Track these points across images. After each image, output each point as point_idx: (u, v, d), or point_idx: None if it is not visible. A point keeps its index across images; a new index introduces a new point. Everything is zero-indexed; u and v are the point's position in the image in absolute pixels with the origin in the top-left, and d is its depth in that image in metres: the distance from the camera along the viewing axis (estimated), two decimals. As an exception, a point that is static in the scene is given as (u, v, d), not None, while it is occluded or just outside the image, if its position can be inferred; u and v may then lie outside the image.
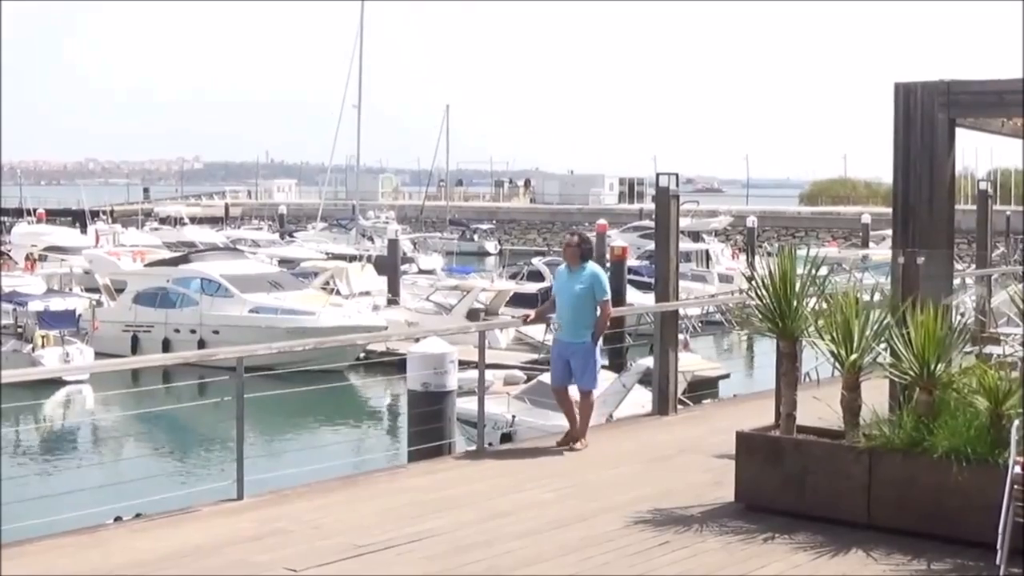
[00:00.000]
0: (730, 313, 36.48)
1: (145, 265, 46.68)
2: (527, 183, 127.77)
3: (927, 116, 10.92)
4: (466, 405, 17.67)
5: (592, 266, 13.60)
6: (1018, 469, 8.63)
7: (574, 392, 13.69)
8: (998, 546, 8.58)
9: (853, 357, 10.03)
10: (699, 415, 16.54)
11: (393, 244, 52.39)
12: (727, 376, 31.84)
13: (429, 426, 14.07)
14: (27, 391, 23.89)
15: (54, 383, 32.64)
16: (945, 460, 9.37)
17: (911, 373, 9.84)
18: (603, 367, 16.49)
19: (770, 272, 10.57)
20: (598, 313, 13.45)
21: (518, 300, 45.37)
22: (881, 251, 54.89)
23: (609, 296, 13.65)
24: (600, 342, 13.64)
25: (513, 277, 50.43)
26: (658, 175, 15.78)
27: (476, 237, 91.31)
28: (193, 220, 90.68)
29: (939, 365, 9.75)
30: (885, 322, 10.16)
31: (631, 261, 47.82)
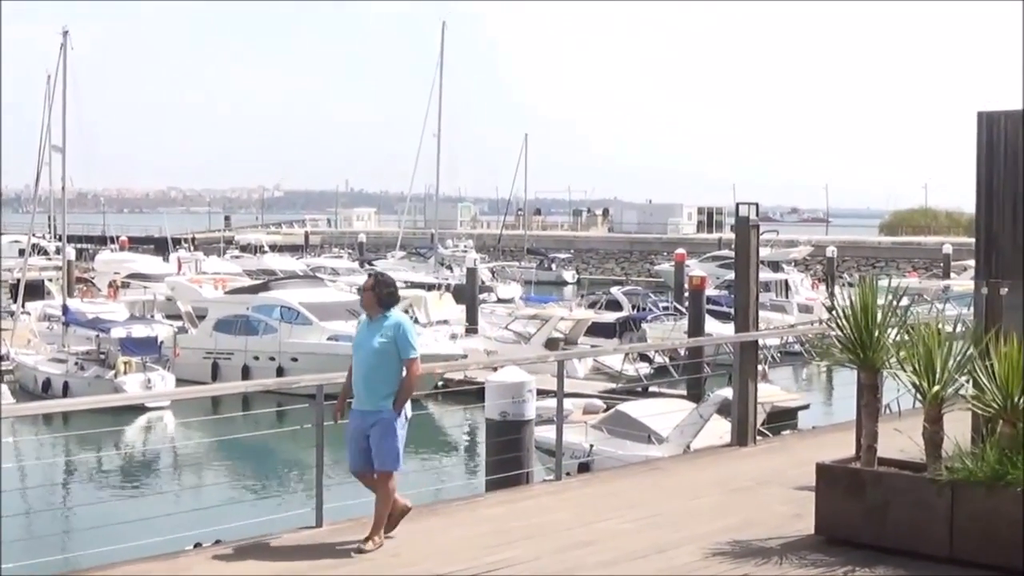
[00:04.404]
0: (810, 344, 36.23)
1: (226, 292, 47.12)
2: (605, 212, 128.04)
3: (1011, 145, 10.83)
4: (544, 434, 17.67)
5: (396, 315, 10.81)
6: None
7: None
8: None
9: (935, 389, 9.92)
10: (778, 446, 16.42)
11: (471, 273, 52.56)
12: (806, 407, 31.68)
13: (507, 455, 14.05)
14: (109, 417, 24.21)
15: (136, 409, 33.05)
16: (1029, 494, 9.25)
17: (994, 405, 9.71)
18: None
19: (851, 303, 10.48)
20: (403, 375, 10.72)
21: (596, 329, 45.55)
22: (963, 282, 54.43)
23: (417, 355, 10.73)
24: (406, 411, 10.83)
25: (592, 306, 50.53)
26: (738, 204, 15.73)
27: (554, 266, 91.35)
28: (273, 248, 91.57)
29: (1023, 397, 9.63)
30: (968, 354, 10.03)
31: (710, 291, 47.73)
